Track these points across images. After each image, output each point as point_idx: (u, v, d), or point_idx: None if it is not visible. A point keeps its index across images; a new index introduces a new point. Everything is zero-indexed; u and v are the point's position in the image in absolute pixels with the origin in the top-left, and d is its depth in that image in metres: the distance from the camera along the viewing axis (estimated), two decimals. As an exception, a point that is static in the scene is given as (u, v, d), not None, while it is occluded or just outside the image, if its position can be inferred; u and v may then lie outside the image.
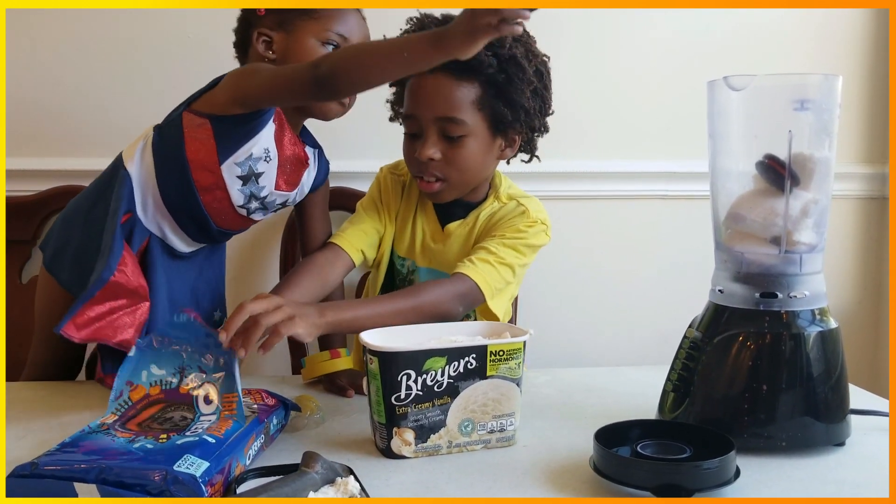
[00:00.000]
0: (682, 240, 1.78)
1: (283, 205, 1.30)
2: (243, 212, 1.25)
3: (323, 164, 1.36)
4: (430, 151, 1.24)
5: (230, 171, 1.18)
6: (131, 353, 1.03)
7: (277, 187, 1.24)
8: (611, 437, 0.93)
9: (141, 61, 1.65)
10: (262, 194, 1.23)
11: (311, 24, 1.24)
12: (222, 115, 1.16)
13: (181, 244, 1.27)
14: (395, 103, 1.38)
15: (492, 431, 1.00)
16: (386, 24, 1.28)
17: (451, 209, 1.35)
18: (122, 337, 1.16)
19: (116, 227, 1.18)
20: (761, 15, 1.80)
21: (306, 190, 1.33)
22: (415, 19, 1.29)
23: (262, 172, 1.21)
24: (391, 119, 1.40)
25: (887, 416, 1.11)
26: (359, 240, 1.33)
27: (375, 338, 1.00)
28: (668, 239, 1.82)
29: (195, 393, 0.98)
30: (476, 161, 1.27)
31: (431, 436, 0.98)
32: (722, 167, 1.06)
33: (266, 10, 1.25)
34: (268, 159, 1.20)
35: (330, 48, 1.24)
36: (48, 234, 1.32)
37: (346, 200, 1.66)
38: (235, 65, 1.64)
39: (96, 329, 1.15)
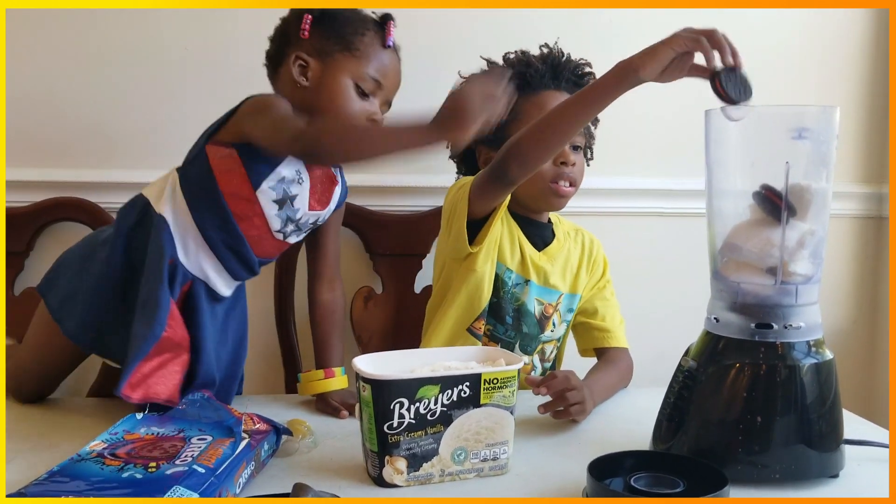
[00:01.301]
0: (679, 257, 1.78)
1: (315, 224, 1.29)
2: (280, 236, 1.24)
3: (343, 186, 1.34)
4: (573, 157, 1.37)
5: (266, 196, 1.18)
6: (139, 416, 1.04)
7: (311, 207, 1.24)
8: (604, 467, 0.92)
9: (138, 73, 1.64)
10: (298, 216, 1.23)
11: (350, 62, 1.22)
12: (246, 143, 1.15)
13: (223, 286, 1.23)
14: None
15: (485, 460, 1.00)
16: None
17: (536, 230, 1.44)
18: (171, 393, 1.13)
19: (163, 278, 1.14)
20: (758, 32, 1.80)
21: (332, 208, 1.32)
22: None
23: (296, 195, 1.21)
24: (487, 142, 1.40)
25: (882, 446, 1.11)
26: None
27: (368, 365, 0.99)
28: (665, 256, 1.82)
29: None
30: None
31: (424, 464, 0.97)
32: (719, 196, 1.06)
33: (310, 33, 1.22)
34: (300, 181, 1.20)
35: (360, 91, 1.22)
36: (52, 276, 1.27)
37: (349, 217, 1.65)
38: (233, 79, 1.64)
39: (148, 386, 1.11)
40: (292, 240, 1.27)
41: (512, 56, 1.45)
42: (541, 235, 1.44)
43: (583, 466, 0.92)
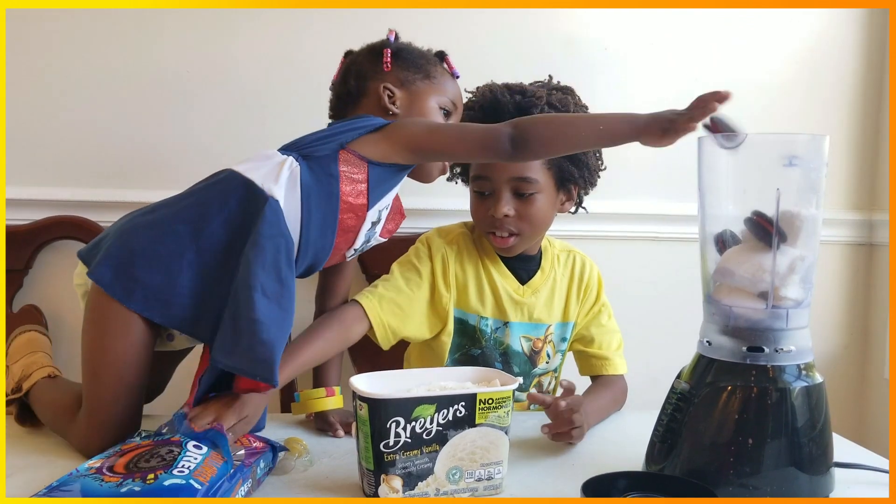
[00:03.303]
0: (673, 281, 1.80)
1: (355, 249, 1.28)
2: (350, 253, 1.24)
3: None
4: (505, 209, 1.31)
5: (371, 216, 1.20)
6: (134, 437, 1.03)
7: (381, 234, 1.27)
8: (597, 487, 0.93)
9: (138, 93, 1.66)
10: (371, 239, 1.25)
11: (431, 88, 1.30)
12: (382, 162, 1.16)
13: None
14: (457, 164, 1.44)
15: (479, 479, 1.01)
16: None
17: (521, 263, 1.41)
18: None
19: (292, 261, 1.10)
20: (750, 62, 1.83)
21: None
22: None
23: (381, 220, 1.24)
24: (449, 179, 1.45)
25: (881, 471, 1.12)
26: (391, 315, 1.31)
27: (365, 383, 1.00)
28: (659, 280, 1.84)
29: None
30: (545, 215, 1.36)
31: (419, 483, 0.98)
32: (711, 221, 1.08)
33: (392, 65, 1.29)
34: (387, 207, 1.24)
35: (443, 113, 1.30)
36: (122, 272, 1.11)
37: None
38: (232, 101, 1.66)
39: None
40: (351, 256, 1.27)
41: (475, 91, 1.40)
42: (525, 268, 1.42)
43: (576, 487, 0.93)
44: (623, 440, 1.24)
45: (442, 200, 1.65)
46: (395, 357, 1.49)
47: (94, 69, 1.65)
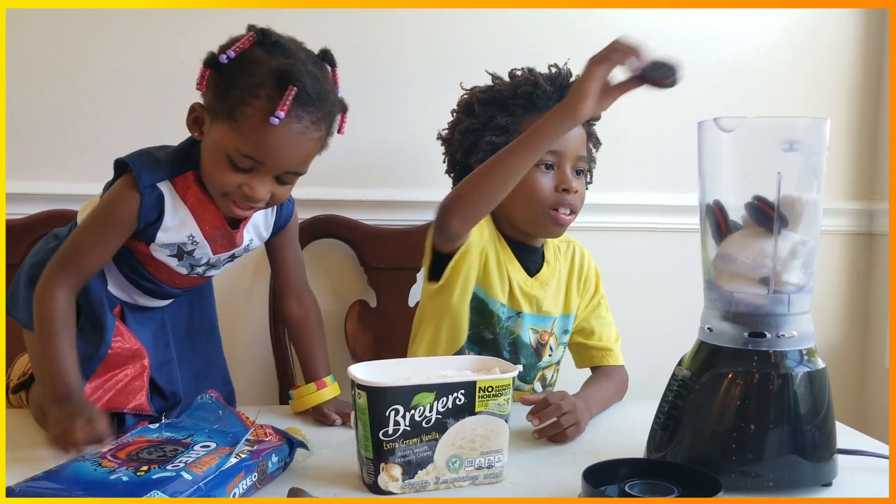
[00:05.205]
0: (673, 272, 1.79)
1: (233, 257, 1.25)
2: (194, 275, 1.23)
3: (286, 206, 1.27)
4: (576, 184, 1.32)
5: (159, 252, 1.18)
6: (153, 427, 1.03)
7: (216, 252, 1.21)
8: (598, 475, 0.93)
9: (133, 87, 1.65)
10: (202, 262, 1.21)
11: (228, 133, 1.08)
12: None
13: (153, 303, 1.25)
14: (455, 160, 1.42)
15: (479, 468, 1.00)
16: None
17: (527, 255, 1.39)
18: (136, 402, 1.17)
19: (104, 301, 1.17)
20: (749, 48, 1.83)
21: (266, 235, 1.27)
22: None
23: (193, 249, 1.19)
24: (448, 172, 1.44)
25: (881, 457, 1.12)
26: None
27: (364, 372, 0.99)
28: (659, 271, 1.83)
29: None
30: None
31: (419, 472, 0.97)
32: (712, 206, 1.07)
33: (207, 86, 1.12)
34: (194, 242, 1.18)
35: (242, 169, 1.09)
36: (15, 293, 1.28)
37: (337, 229, 1.67)
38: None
39: (108, 400, 1.16)
40: (211, 273, 1.26)
41: (518, 73, 1.38)
42: (533, 260, 1.40)
43: (577, 475, 0.92)
44: (624, 428, 1.24)
45: (441, 193, 1.64)
46: (395, 347, 1.49)
47: (90, 63, 1.64)
